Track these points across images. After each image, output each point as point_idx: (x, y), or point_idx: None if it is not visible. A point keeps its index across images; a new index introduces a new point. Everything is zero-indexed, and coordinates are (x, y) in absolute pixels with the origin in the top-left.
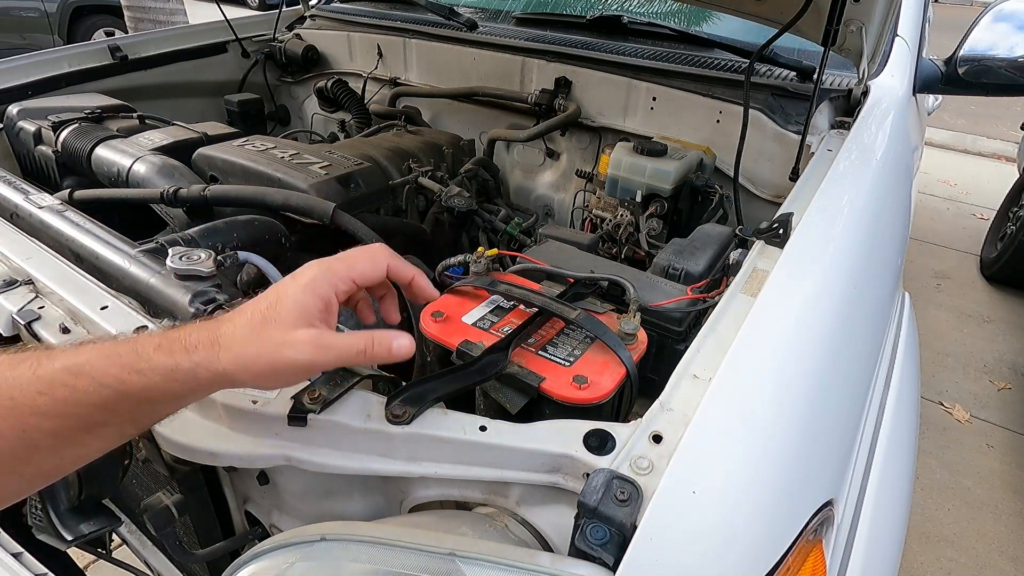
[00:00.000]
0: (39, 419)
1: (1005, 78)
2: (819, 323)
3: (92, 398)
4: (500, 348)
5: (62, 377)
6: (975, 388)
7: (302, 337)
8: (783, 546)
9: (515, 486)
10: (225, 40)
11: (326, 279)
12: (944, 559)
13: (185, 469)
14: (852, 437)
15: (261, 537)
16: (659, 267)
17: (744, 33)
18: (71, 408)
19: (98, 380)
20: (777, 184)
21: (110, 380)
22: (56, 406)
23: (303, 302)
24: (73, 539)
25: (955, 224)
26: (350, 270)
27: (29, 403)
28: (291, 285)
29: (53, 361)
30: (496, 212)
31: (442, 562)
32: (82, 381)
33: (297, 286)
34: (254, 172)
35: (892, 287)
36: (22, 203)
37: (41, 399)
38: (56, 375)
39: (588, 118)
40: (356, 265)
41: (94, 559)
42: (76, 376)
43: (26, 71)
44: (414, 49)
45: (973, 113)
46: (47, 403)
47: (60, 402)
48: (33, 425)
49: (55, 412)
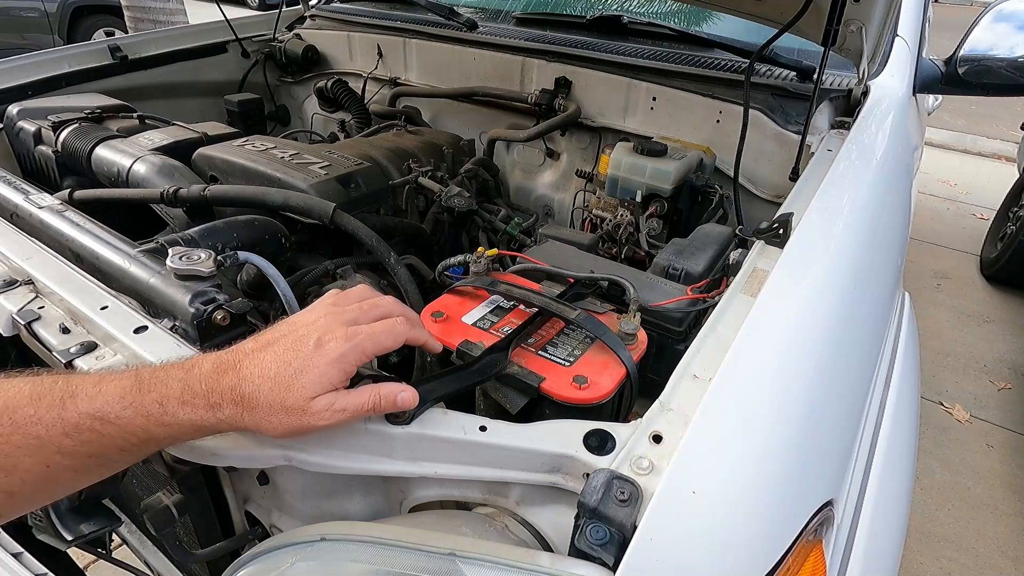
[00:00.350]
0: (63, 458)
1: (1005, 78)
2: (819, 323)
3: (118, 443)
4: (500, 348)
5: (88, 423)
6: (975, 388)
7: (322, 405)
8: (783, 546)
9: (515, 486)
10: (225, 40)
11: (353, 358)
12: (944, 559)
13: (185, 469)
14: (852, 437)
15: (261, 537)
16: (659, 267)
17: (744, 33)
18: (96, 450)
19: (125, 429)
20: (777, 184)
21: (136, 430)
22: (82, 448)
23: (329, 377)
24: (73, 539)
25: (955, 224)
26: (375, 347)
27: (55, 444)
28: (319, 356)
29: (77, 403)
30: (496, 212)
31: (442, 562)
32: (108, 428)
33: (324, 359)
34: (254, 172)
35: (892, 287)
36: (22, 203)
37: (67, 441)
38: (82, 420)
39: (588, 118)
40: (380, 342)
41: (94, 559)
42: (103, 423)
43: (26, 71)
44: (414, 49)
45: (973, 113)
46: (72, 445)
47: (86, 444)
48: (56, 463)
49: (80, 453)
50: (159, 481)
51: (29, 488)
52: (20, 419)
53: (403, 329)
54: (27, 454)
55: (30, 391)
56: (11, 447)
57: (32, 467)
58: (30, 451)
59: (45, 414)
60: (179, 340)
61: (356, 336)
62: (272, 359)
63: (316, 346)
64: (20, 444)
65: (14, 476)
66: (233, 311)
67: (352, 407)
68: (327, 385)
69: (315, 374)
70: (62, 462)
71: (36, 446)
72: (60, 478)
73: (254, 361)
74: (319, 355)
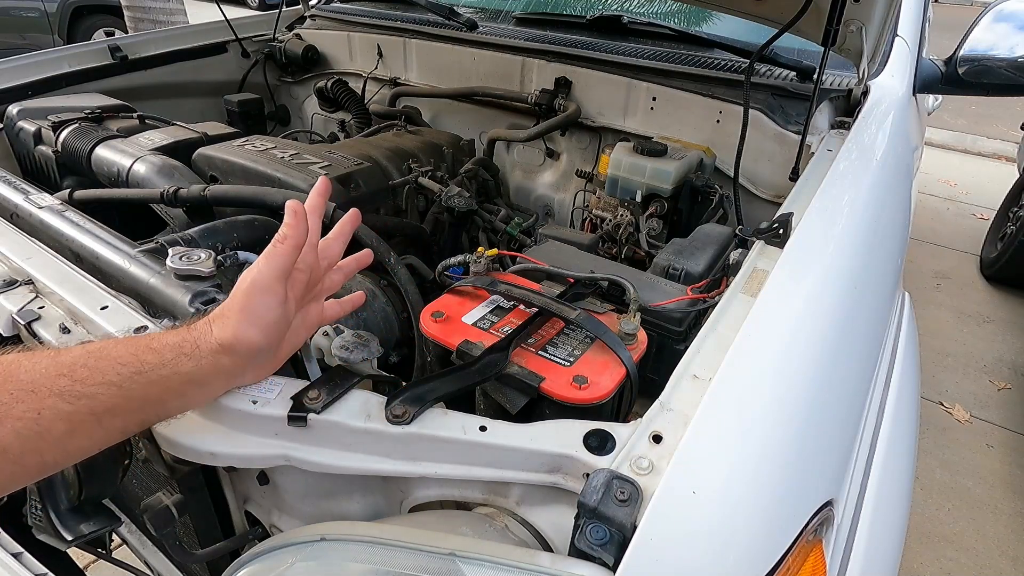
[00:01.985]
0: (56, 400)
1: (1005, 78)
2: (819, 323)
3: (110, 376)
4: (500, 348)
5: (83, 358)
6: (975, 388)
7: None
8: (783, 546)
9: (515, 486)
10: (225, 40)
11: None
12: (944, 559)
13: (185, 469)
14: (852, 437)
15: (261, 537)
16: (659, 267)
17: (744, 33)
18: (89, 388)
19: (116, 359)
20: (777, 184)
21: (128, 358)
22: (75, 386)
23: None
24: (73, 539)
25: (955, 224)
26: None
27: (49, 385)
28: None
29: (71, 350)
30: (496, 212)
31: (442, 562)
32: (102, 362)
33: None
34: (254, 172)
35: (892, 287)
36: (22, 203)
37: (62, 380)
38: (77, 357)
39: (588, 118)
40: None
41: (94, 559)
42: (97, 358)
43: (26, 71)
44: (414, 49)
45: (973, 113)
46: (67, 384)
47: (79, 382)
48: (49, 407)
49: (73, 393)
50: (159, 481)
51: (21, 441)
52: (13, 368)
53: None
54: (19, 400)
55: (28, 353)
56: (4, 394)
57: (24, 414)
58: (22, 396)
59: (40, 361)
60: None
61: None
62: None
63: None
64: (12, 392)
65: (6, 426)
66: None
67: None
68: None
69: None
70: (55, 406)
71: (28, 391)
72: (52, 430)
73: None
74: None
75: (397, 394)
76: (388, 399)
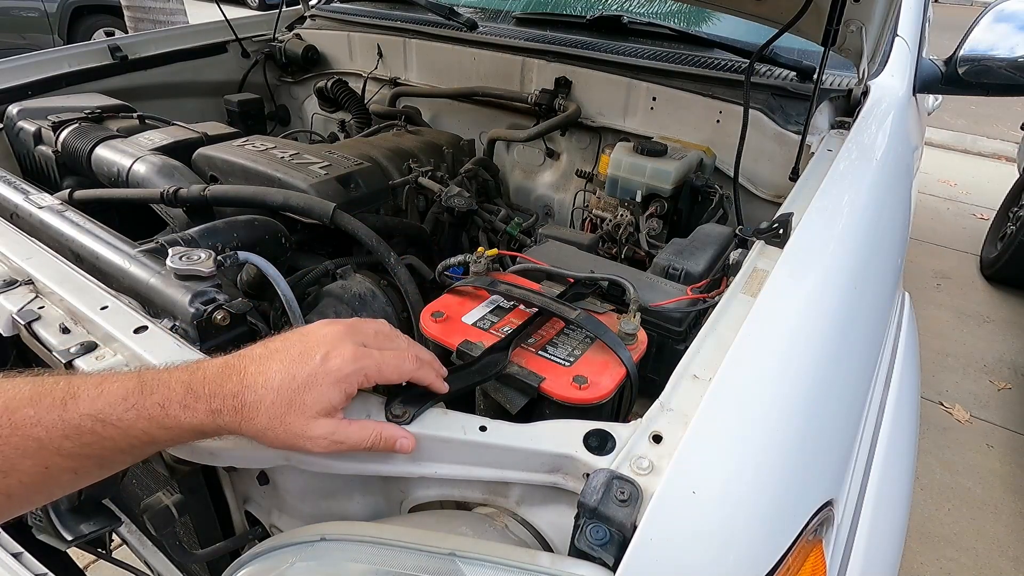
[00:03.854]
0: (62, 459)
1: (1005, 78)
2: (819, 323)
3: (119, 444)
4: (500, 348)
5: (89, 424)
6: (975, 388)
7: (320, 431)
8: (783, 546)
9: (515, 486)
10: (225, 40)
11: (356, 379)
12: (944, 559)
13: (185, 469)
14: (852, 437)
15: (261, 537)
16: (659, 267)
17: (744, 33)
18: (96, 451)
19: (126, 432)
20: (777, 184)
21: (138, 433)
22: (82, 449)
23: (331, 399)
24: (73, 539)
25: (955, 224)
26: (379, 375)
27: (55, 446)
28: (323, 373)
29: (78, 404)
30: (496, 212)
31: (442, 562)
32: (109, 430)
33: (329, 378)
34: (254, 172)
35: (892, 287)
36: (22, 203)
37: (67, 443)
38: (83, 422)
39: (588, 118)
40: (384, 372)
41: (94, 559)
42: (104, 425)
43: (26, 71)
44: (414, 49)
45: (973, 113)
46: (72, 447)
47: (86, 446)
48: (56, 464)
49: (80, 454)
50: (159, 481)
51: (27, 490)
52: (20, 420)
53: (410, 366)
54: (26, 456)
55: (30, 392)
56: (10, 448)
57: (31, 469)
58: (29, 453)
59: (45, 415)
60: (179, 340)
61: (363, 359)
62: (277, 368)
63: (322, 360)
64: (19, 446)
65: (12, 478)
66: (233, 311)
67: (350, 442)
68: (327, 405)
69: (317, 393)
70: (61, 463)
71: (35, 448)
72: (59, 479)
73: (259, 368)
74: (323, 371)
75: (397, 394)
76: (388, 399)
